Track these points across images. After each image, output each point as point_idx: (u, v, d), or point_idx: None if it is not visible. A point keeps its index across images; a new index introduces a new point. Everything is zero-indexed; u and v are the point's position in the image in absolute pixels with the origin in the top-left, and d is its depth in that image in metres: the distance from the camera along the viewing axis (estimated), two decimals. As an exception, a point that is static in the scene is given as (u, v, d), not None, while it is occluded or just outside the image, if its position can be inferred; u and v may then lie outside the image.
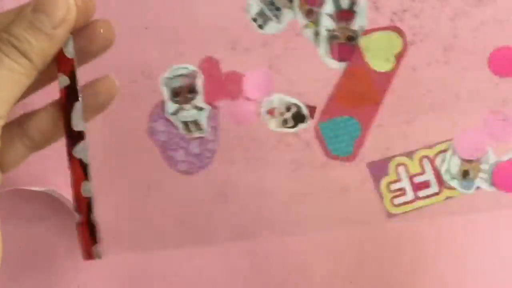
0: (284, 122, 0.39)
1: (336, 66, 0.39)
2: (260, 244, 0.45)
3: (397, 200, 0.39)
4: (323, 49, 0.39)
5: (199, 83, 0.39)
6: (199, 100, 0.39)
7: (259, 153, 0.40)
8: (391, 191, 0.39)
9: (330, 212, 0.40)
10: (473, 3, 0.38)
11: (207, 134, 0.39)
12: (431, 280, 0.45)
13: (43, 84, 0.34)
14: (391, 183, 0.39)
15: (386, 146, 0.40)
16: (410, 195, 0.39)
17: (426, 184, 0.39)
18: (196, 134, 0.40)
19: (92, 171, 0.34)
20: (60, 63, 0.33)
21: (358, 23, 0.38)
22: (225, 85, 0.39)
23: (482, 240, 0.45)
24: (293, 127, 0.39)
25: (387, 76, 0.39)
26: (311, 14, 0.38)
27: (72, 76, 0.33)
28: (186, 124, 0.39)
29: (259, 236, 0.41)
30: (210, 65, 0.39)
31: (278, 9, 0.38)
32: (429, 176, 0.39)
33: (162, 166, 0.40)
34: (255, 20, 0.39)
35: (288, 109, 0.39)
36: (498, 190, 0.39)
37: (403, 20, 0.39)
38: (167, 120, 0.39)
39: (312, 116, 0.39)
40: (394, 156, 0.39)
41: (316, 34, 0.39)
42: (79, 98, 0.33)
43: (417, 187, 0.39)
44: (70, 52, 0.33)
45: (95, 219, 0.34)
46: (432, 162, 0.39)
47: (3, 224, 0.33)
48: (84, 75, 0.34)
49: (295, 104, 0.39)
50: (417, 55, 0.39)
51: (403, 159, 0.39)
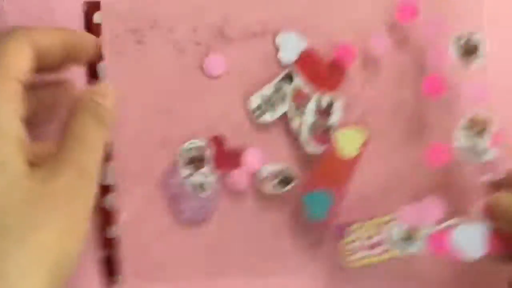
0: (274, 186, 0.51)
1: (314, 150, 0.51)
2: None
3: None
4: (304, 136, 0.51)
5: (208, 155, 0.51)
6: (207, 169, 0.51)
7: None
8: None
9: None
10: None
11: (209, 195, 0.51)
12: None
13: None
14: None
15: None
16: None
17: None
18: (201, 194, 0.51)
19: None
20: None
21: (332, 120, 0.50)
22: (228, 157, 0.51)
23: None
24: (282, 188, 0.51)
25: (353, 161, 0.50)
26: (298, 109, 0.51)
27: None
28: (194, 186, 0.51)
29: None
30: (217, 141, 0.51)
31: (272, 105, 0.51)
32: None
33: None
34: (254, 112, 0.51)
35: (276, 176, 0.51)
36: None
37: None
38: (180, 181, 0.51)
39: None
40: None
41: (300, 124, 0.51)
42: None
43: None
44: None
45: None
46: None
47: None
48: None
49: (282, 172, 0.51)
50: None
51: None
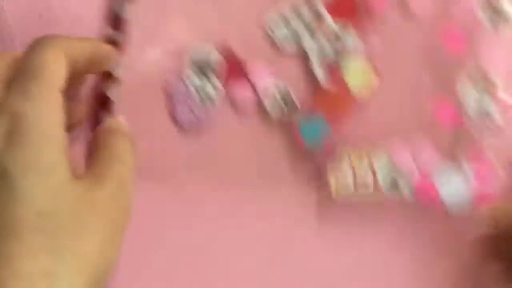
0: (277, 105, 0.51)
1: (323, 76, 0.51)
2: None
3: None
4: (315, 61, 0.51)
5: (216, 61, 0.50)
6: (215, 79, 0.50)
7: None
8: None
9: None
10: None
11: (211, 105, 0.50)
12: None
13: None
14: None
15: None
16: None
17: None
18: (204, 102, 0.50)
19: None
20: None
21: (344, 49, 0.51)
22: (236, 68, 0.51)
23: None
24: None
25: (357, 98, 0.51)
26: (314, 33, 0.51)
27: None
28: (198, 91, 0.50)
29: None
30: (227, 51, 0.51)
31: (289, 24, 0.51)
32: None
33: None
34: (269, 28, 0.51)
35: (281, 95, 0.51)
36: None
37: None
38: (185, 81, 0.50)
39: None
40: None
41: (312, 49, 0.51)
42: None
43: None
44: None
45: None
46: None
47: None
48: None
49: (288, 93, 0.51)
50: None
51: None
